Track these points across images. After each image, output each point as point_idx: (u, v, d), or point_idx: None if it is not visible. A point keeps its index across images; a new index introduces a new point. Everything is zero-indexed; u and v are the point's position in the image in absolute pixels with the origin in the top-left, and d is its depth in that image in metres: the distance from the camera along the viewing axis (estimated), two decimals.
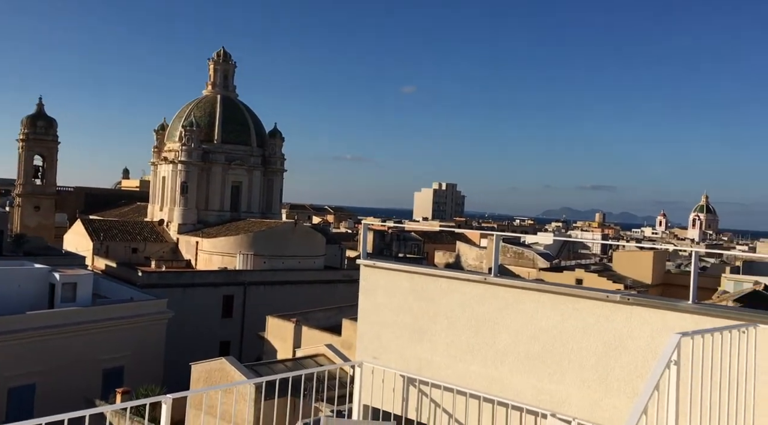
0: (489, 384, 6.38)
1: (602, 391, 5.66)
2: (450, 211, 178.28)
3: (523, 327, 6.27)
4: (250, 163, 50.14)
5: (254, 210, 50.09)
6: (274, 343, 27.49)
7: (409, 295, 7.16)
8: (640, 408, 3.67)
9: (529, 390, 6.11)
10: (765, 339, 4.80)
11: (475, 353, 6.54)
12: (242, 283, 39.29)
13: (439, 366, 6.74)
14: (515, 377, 6.24)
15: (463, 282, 6.83)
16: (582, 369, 5.82)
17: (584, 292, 6.10)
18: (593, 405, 5.68)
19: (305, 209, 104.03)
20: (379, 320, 7.40)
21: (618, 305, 5.72)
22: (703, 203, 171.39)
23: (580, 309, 5.96)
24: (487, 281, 6.62)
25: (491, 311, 6.51)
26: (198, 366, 19.74)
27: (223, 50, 53.27)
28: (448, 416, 6.56)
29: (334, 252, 49.62)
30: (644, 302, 5.64)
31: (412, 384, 6.86)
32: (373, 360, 7.21)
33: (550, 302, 6.17)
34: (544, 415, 5.74)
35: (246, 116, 51.65)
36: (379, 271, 7.48)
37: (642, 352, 5.43)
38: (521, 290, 6.43)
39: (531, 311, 6.27)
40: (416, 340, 7.00)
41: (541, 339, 6.14)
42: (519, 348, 6.26)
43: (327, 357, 20.60)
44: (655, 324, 5.44)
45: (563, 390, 5.89)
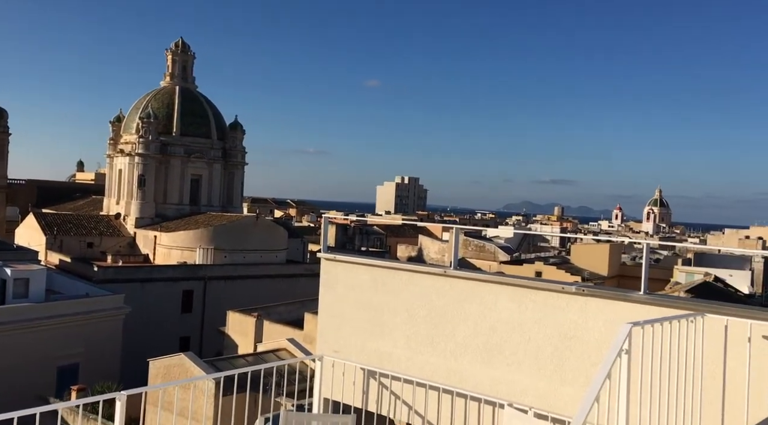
0: (448, 376, 6.46)
1: (558, 380, 5.79)
2: (412, 205, 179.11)
3: (481, 318, 6.36)
4: (210, 156, 49.37)
5: (215, 204, 49.39)
6: (235, 338, 27.23)
7: (369, 288, 7.18)
8: (593, 396, 3.77)
9: (487, 380, 6.20)
10: (711, 327, 4.97)
11: (434, 345, 6.60)
12: (202, 278, 38.74)
13: (399, 359, 6.79)
14: (474, 368, 6.33)
15: (423, 275, 6.88)
16: (538, 359, 5.94)
17: (541, 284, 6.22)
18: (549, 394, 5.81)
19: (267, 203, 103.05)
20: (340, 313, 7.41)
21: (573, 297, 5.86)
22: (656, 197, 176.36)
23: (537, 301, 6.08)
24: (446, 274, 6.68)
25: (451, 304, 6.58)
26: (156, 362, 19.42)
27: (182, 41, 52.21)
28: (408, 408, 6.61)
29: (297, 246, 49.33)
30: (598, 293, 5.78)
31: (372, 377, 6.90)
32: (333, 354, 7.21)
33: (508, 294, 6.27)
34: (501, 405, 5.84)
35: (206, 107, 50.80)
36: (339, 264, 7.48)
37: (596, 342, 5.58)
38: (480, 282, 6.52)
39: (490, 303, 6.36)
40: (377, 333, 7.03)
41: (499, 331, 6.24)
42: (478, 340, 6.35)
43: (289, 352, 20.51)
44: (609, 315, 5.59)
45: (520, 380, 6.01)
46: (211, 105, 51.78)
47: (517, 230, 69.19)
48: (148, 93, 50.79)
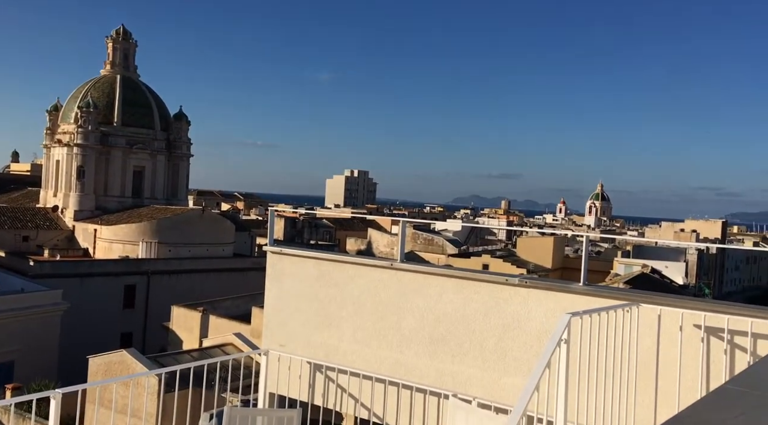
0: (394, 368, 6.49)
1: (501, 371, 5.91)
2: (362, 198, 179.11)
3: (427, 311, 6.42)
4: (153, 147, 48.00)
5: (158, 196, 48.09)
6: (180, 334, 26.66)
7: (316, 282, 7.14)
8: (533, 385, 3.86)
9: (433, 372, 6.27)
10: (646, 317, 5.16)
11: (380, 338, 6.63)
12: (145, 272, 37.72)
13: (345, 352, 6.79)
14: (420, 360, 6.38)
15: (369, 268, 6.89)
16: (482, 350, 6.04)
17: (485, 276, 6.32)
18: (493, 385, 5.92)
19: (213, 196, 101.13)
20: (286, 307, 7.34)
21: (516, 289, 5.97)
22: (598, 191, 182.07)
23: (481, 293, 6.17)
24: (393, 266, 6.71)
25: (397, 297, 6.62)
26: (96, 359, 18.83)
27: (123, 28, 50.43)
28: (354, 401, 6.62)
29: (244, 240, 48.61)
30: (539, 285, 5.92)
31: (318, 370, 6.87)
32: (279, 348, 7.15)
33: (454, 286, 6.35)
34: (446, 396, 5.92)
35: (149, 97, 49.31)
36: (286, 258, 7.40)
37: (537, 332, 5.71)
38: (426, 275, 6.57)
39: (435, 295, 6.42)
40: (323, 326, 7.01)
41: (444, 323, 6.31)
42: (423, 332, 6.41)
43: (235, 346, 20.23)
44: (550, 306, 5.73)
45: (465, 371, 6.09)
46: (155, 95, 50.31)
47: (465, 223, 70.15)
48: (88, 82, 48.91)
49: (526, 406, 3.76)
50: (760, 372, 2.90)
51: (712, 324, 4.91)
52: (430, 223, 69.52)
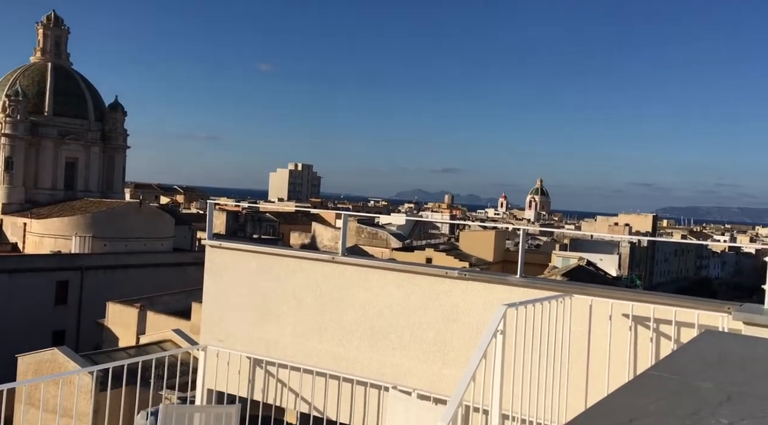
0: (336, 362, 6.49)
1: (440, 362, 6.00)
2: (306, 192, 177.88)
3: (368, 304, 6.44)
4: (87, 138, 46.17)
5: (93, 189, 46.33)
6: (116, 331, 25.83)
7: (256, 276, 7.05)
8: (469, 376, 3.94)
9: (374, 364, 6.31)
10: (578, 307, 5.35)
11: (322, 331, 6.61)
12: (79, 267, 36.30)
13: (286, 346, 6.74)
14: (361, 353, 6.41)
15: (311, 262, 6.86)
16: (423, 342, 6.12)
17: (426, 269, 6.40)
18: (433, 376, 6.00)
19: (152, 189, 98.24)
20: (225, 302, 7.22)
21: (455, 281, 6.07)
22: (538, 186, 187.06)
23: (422, 286, 6.24)
24: (334, 260, 6.70)
25: (339, 290, 6.61)
26: (26, 358, 18.01)
27: (54, 14, 48.19)
28: (294, 395, 6.59)
29: (184, 234, 47.49)
30: (478, 277, 6.03)
31: (258, 365, 6.80)
32: (218, 343, 7.03)
33: (395, 279, 6.39)
34: (386, 388, 5.96)
35: (82, 86, 47.37)
36: (225, 252, 7.28)
37: (475, 324, 5.82)
38: (368, 268, 6.59)
39: (377, 288, 6.45)
40: (263, 321, 6.93)
41: (385, 315, 6.35)
42: (365, 325, 6.43)
43: (174, 343, 19.76)
44: (488, 298, 5.85)
45: (405, 363, 6.16)
46: (89, 84, 48.37)
47: (409, 217, 70.69)
48: (17, 69, 46.56)
49: (463, 396, 3.84)
50: (679, 359, 3.05)
51: (639, 313, 5.13)
52: (374, 217, 69.75)
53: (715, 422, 2.10)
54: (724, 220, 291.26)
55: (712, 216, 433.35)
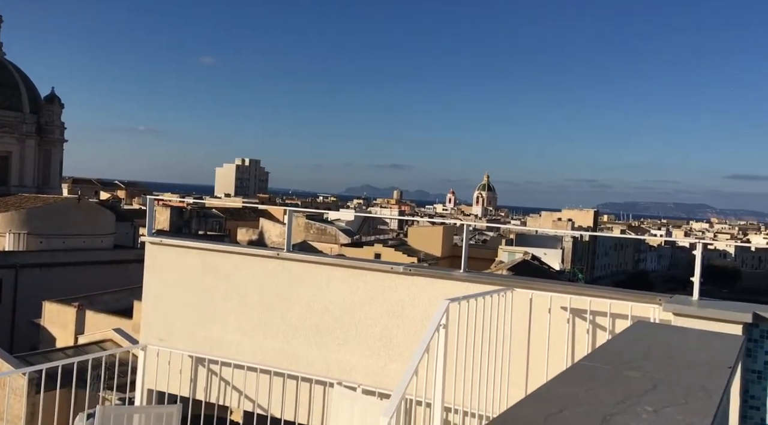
0: (281, 358, 6.44)
1: (386, 357, 6.03)
2: (253, 187, 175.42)
3: (314, 300, 6.42)
4: (21, 131, 44.17)
5: (28, 184, 44.39)
6: (53, 331, 24.89)
7: (199, 273, 6.91)
8: (412, 370, 3.98)
9: (319, 360, 6.29)
10: (519, 300, 5.47)
11: (267, 328, 6.55)
12: (13, 266, 34.70)
13: (230, 344, 6.64)
14: (307, 349, 6.38)
15: (255, 258, 6.78)
16: (368, 337, 6.14)
17: (371, 265, 6.41)
18: (378, 371, 6.03)
19: (91, 184, 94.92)
20: (167, 300, 7.06)
21: (401, 276, 6.11)
22: (485, 182, 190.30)
23: (367, 281, 6.25)
24: (279, 256, 6.63)
25: (284, 287, 6.56)
26: None
27: None
28: (238, 393, 6.51)
29: (126, 230, 46.06)
30: (423, 272, 6.09)
31: (201, 364, 6.68)
32: (158, 343, 6.87)
33: (341, 275, 6.39)
34: (332, 384, 5.96)
35: (16, 77, 45.24)
36: (166, 248, 7.11)
37: (420, 319, 5.88)
38: (313, 264, 6.56)
39: (322, 284, 6.43)
40: (207, 319, 6.81)
41: (331, 311, 6.33)
42: (310, 321, 6.40)
43: (115, 342, 19.17)
44: (432, 293, 5.91)
45: (351, 358, 6.16)
46: (23, 75, 46.24)
47: (358, 213, 70.66)
48: None
49: (405, 390, 3.88)
50: (611, 349, 3.16)
51: (576, 305, 5.29)
52: (323, 213, 69.38)
53: (641, 410, 2.19)
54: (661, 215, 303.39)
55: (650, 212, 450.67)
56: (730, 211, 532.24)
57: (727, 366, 2.81)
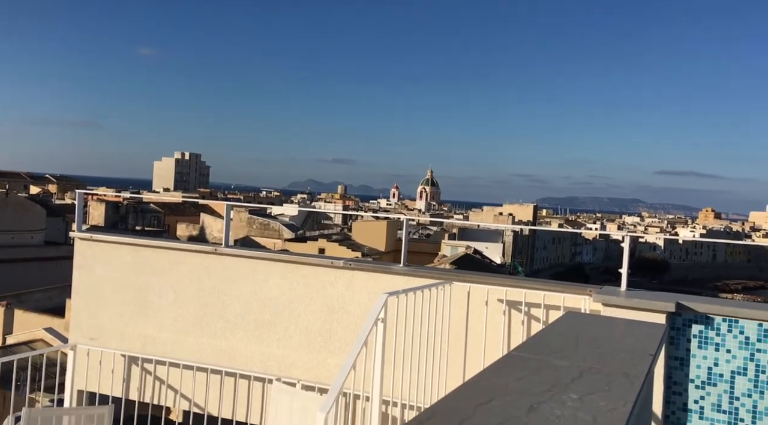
0: (219, 356, 6.33)
1: (326, 353, 6.01)
2: (194, 182, 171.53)
3: (253, 296, 6.33)
4: None
5: None
6: None
7: (132, 269, 6.70)
8: (349, 364, 3.98)
9: (258, 357, 6.21)
10: (457, 293, 5.55)
11: (203, 325, 6.41)
12: None
13: (165, 342, 6.47)
14: (245, 346, 6.28)
15: (192, 254, 6.61)
16: (308, 333, 6.10)
17: (311, 260, 6.37)
18: (318, 366, 6.01)
19: (20, 178, 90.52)
20: (98, 298, 6.81)
21: (341, 271, 6.10)
22: (428, 177, 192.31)
23: (307, 276, 6.21)
24: (217, 252, 6.50)
25: (221, 282, 6.44)
26: None
27: None
28: (174, 392, 6.35)
29: (57, 226, 44.19)
30: (363, 267, 6.10)
31: (134, 363, 6.48)
32: (89, 342, 6.62)
33: (280, 270, 6.32)
34: (270, 380, 5.89)
35: None
36: (97, 244, 6.85)
37: (360, 313, 5.89)
38: (252, 259, 6.47)
39: (261, 280, 6.35)
40: (140, 317, 6.61)
41: (270, 307, 6.26)
42: (249, 317, 6.31)
43: (46, 342, 18.41)
44: (372, 287, 5.93)
45: (290, 354, 6.11)
46: None
47: (302, 207, 70.12)
48: None
49: (343, 385, 3.87)
50: (541, 339, 3.25)
51: (512, 297, 5.41)
52: (266, 207, 68.50)
53: (566, 397, 2.25)
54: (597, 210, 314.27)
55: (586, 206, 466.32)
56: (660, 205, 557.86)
57: (648, 354, 2.93)
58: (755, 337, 4.54)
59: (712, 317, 4.68)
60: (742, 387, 4.57)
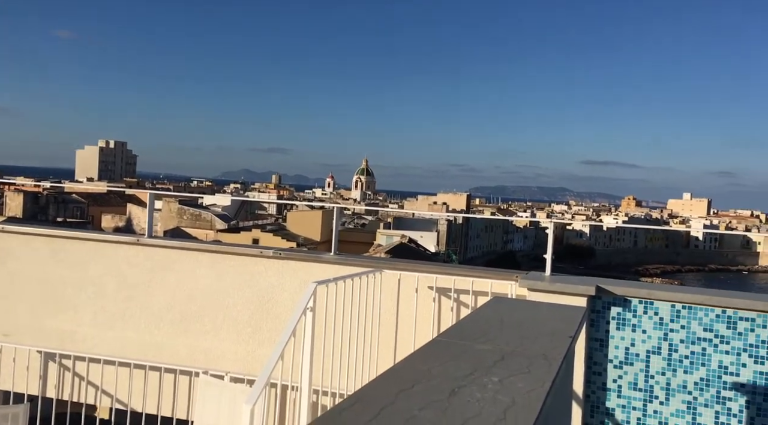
0: (143, 350, 6.11)
1: (255, 343, 5.91)
2: (120, 171, 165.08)
3: (179, 288, 6.14)
4: None
5: None
6: None
7: (48, 262, 6.36)
8: (277, 355, 3.93)
9: (184, 350, 6.04)
10: (388, 281, 5.57)
11: (127, 319, 6.17)
12: None
13: (84, 338, 6.19)
14: (171, 339, 6.10)
15: (113, 245, 6.35)
16: (237, 324, 5.98)
17: (240, 250, 6.24)
18: (247, 357, 5.90)
19: None
20: (11, 292, 6.43)
21: (271, 261, 6.00)
22: (363, 167, 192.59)
23: (236, 266, 6.08)
24: (140, 242, 6.27)
25: (145, 274, 6.21)
26: None
27: None
28: (95, 389, 6.09)
29: None
30: (293, 256, 6.02)
31: (51, 359, 6.17)
32: (2, 338, 6.25)
33: (208, 261, 6.16)
34: (197, 374, 5.75)
35: None
36: (10, 236, 6.46)
37: (290, 303, 5.82)
38: (178, 250, 6.27)
39: (188, 271, 6.17)
40: (58, 311, 6.29)
41: (198, 299, 6.10)
42: (175, 310, 6.12)
43: None
44: (303, 276, 5.87)
45: (218, 346, 5.98)
46: None
47: (235, 197, 68.71)
48: None
49: (270, 375, 3.82)
50: (466, 325, 3.29)
51: (442, 284, 5.48)
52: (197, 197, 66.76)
53: (487, 380, 2.29)
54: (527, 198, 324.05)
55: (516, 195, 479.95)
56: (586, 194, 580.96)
57: (568, 336, 3.02)
58: (668, 318, 4.78)
59: (629, 299, 4.89)
60: (657, 366, 4.80)
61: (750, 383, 4.61)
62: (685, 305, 4.76)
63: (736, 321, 4.64)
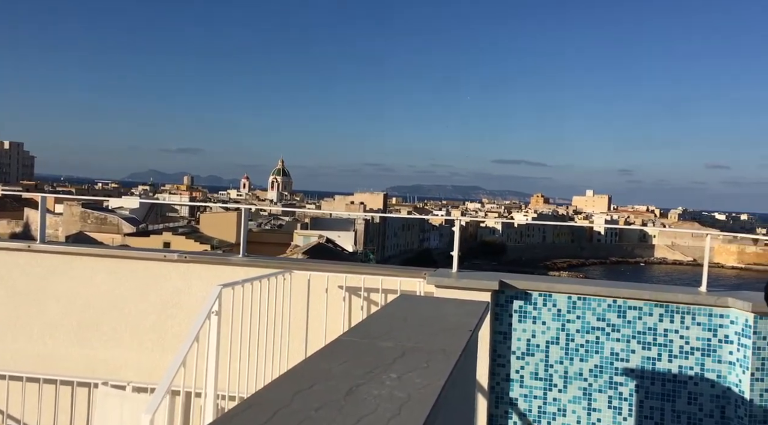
0: (36, 362, 5.74)
1: (160, 351, 5.69)
2: (16, 173, 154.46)
3: (75, 295, 5.81)
4: None
5: None
6: None
7: None
8: (179, 361, 3.79)
9: (82, 361, 5.73)
10: (298, 282, 5.52)
11: (17, 330, 5.77)
12: None
13: None
14: (67, 350, 5.76)
15: (2, 252, 5.92)
16: (139, 331, 5.74)
17: (142, 254, 5.99)
18: (151, 366, 5.67)
19: None
20: None
21: (176, 264, 5.80)
22: (279, 167, 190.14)
23: (137, 271, 5.84)
24: (31, 248, 5.88)
25: (37, 281, 5.84)
26: None
27: None
28: None
29: None
30: (199, 259, 5.84)
31: None
32: None
33: (107, 266, 5.87)
34: (96, 385, 5.46)
35: None
36: None
37: (196, 307, 5.62)
38: (74, 256, 5.94)
39: (85, 277, 5.86)
40: None
41: (95, 306, 5.80)
42: (71, 319, 5.79)
43: None
44: (210, 279, 5.69)
45: (120, 355, 5.71)
46: None
47: (144, 200, 65.96)
48: None
49: (171, 383, 3.69)
50: (371, 323, 3.31)
51: (351, 283, 5.48)
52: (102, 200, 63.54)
53: (386, 377, 2.30)
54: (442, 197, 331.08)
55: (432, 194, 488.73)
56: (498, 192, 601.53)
57: (468, 330, 3.10)
58: (565, 309, 5.02)
59: (530, 293, 5.09)
60: (556, 355, 5.03)
61: (638, 368, 4.92)
62: (580, 297, 5.01)
63: (626, 310, 4.94)
